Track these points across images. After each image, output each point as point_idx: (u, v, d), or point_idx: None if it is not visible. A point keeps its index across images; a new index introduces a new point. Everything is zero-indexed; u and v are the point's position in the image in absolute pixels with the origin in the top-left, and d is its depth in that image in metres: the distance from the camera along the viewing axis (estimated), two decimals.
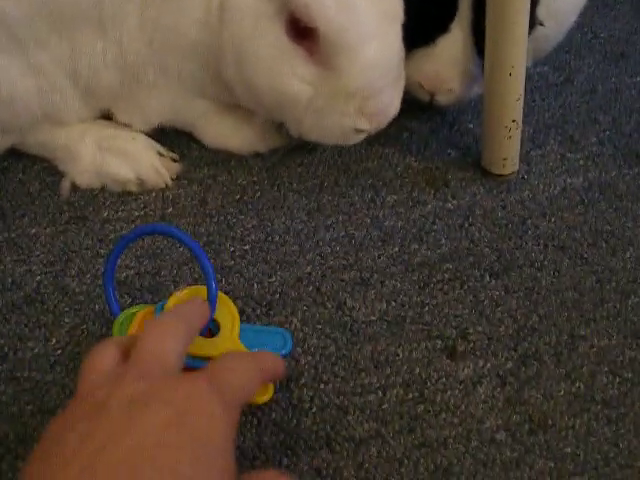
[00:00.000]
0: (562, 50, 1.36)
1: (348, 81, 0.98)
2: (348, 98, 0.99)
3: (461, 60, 1.11)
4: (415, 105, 1.19)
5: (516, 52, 1.04)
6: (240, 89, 1.06)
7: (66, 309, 1.03)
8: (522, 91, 1.09)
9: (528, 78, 1.10)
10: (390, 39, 0.98)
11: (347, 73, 0.97)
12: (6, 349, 0.98)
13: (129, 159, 1.14)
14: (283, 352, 0.92)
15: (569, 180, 1.18)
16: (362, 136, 1.05)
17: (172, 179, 1.15)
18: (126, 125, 1.16)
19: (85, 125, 1.15)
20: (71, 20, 1.03)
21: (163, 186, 1.15)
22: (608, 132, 1.25)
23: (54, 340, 0.99)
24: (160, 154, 1.15)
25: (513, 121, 1.10)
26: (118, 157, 1.15)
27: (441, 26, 1.10)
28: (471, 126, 1.27)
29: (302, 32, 0.96)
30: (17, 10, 1.00)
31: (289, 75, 0.99)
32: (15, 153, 1.18)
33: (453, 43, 1.10)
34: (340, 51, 0.96)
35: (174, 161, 1.16)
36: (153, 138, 1.17)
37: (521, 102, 1.09)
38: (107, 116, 1.17)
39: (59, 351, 0.98)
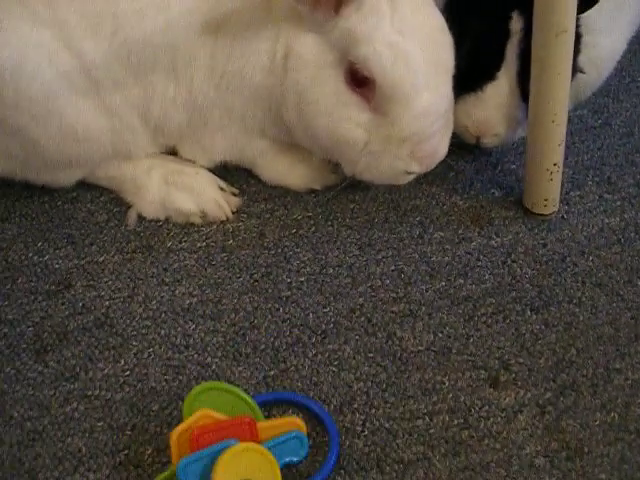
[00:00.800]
0: (601, 94, 1.37)
1: (401, 128, 1.02)
2: (401, 143, 1.03)
3: (507, 106, 1.14)
4: (461, 146, 1.21)
5: (559, 100, 1.07)
6: (300, 131, 1.10)
7: (133, 333, 1.06)
8: (564, 137, 1.10)
9: (568, 121, 1.12)
10: (441, 90, 1.03)
11: (400, 120, 1.01)
12: (78, 369, 1.02)
13: (193, 193, 1.17)
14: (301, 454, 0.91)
15: (606, 220, 1.19)
16: (412, 177, 1.08)
17: (232, 212, 1.18)
18: (190, 161, 1.20)
19: (152, 160, 1.19)
20: (146, 64, 1.07)
21: (224, 219, 1.17)
22: None
23: (122, 362, 1.03)
24: (221, 189, 1.19)
25: (555, 164, 1.12)
26: (183, 191, 1.18)
27: (489, 74, 1.13)
28: (514, 167, 1.28)
29: (360, 81, 1.00)
30: (95, 53, 1.05)
31: (347, 121, 1.03)
32: (84, 184, 1.21)
33: (500, 90, 1.13)
34: (395, 101, 1.00)
35: (234, 195, 1.19)
36: (215, 173, 1.20)
37: (563, 147, 1.11)
38: (173, 151, 1.21)
39: (127, 372, 1.02)
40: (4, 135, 1.11)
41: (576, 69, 1.14)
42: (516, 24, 1.10)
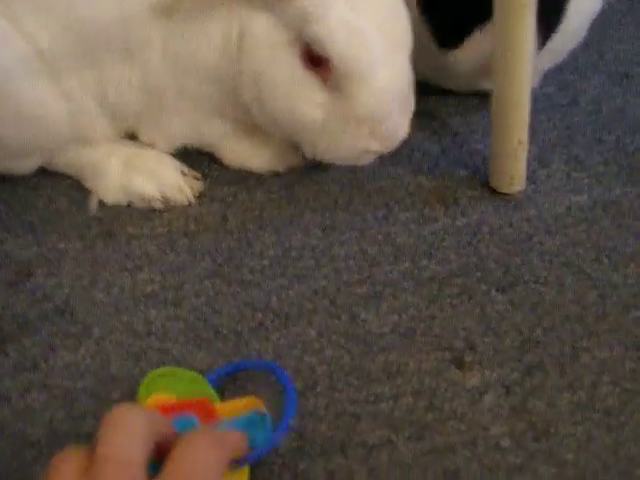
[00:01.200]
0: (568, 71, 1.39)
1: (359, 106, 1.01)
2: (359, 122, 1.03)
3: None
4: (426, 126, 1.23)
5: (522, 75, 1.07)
6: (257, 112, 1.09)
7: (94, 320, 1.05)
8: (528, 113, 1.11)
9: (534, 99, 1.12)
10: (398, 67, 1.02)
11: (358, 99, 1.01)
12: (38, 358, 1.01)
13: (154, 177, 1.17)
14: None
15: (574, 198, 1.19)
16: (373, 157, 1.08)
17: (195, 197, 1.18)
18: (150, 145, 1.20)
19: (111, 144, 1.18)
20: (100, 47, 1.07)
21: (186, 204, 1.17)
22: (612, 151, 1.26)
23: (83, 350, 1.02)
24: (183, 173, 1.18)
25: (519, 142, 1.12)
26: (143, 175, 1.18)
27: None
28: (480, 147, 1.28)
29: (316, 60, 1.00)
30: (47, 36, 1.04)
31: (304, 101, 1.03)
32: (44, 171, 1.21)
33: None
34: (351, 79, 1.00)
35: (196, 179, 1.19)
36: (176, 158, 1.20)
37: (527, 123, 1.12)
38: (132, 136, 1.20)
39: (88, 360, 1.01)
40: None
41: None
42: None
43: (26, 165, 1.20)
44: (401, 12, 1.03)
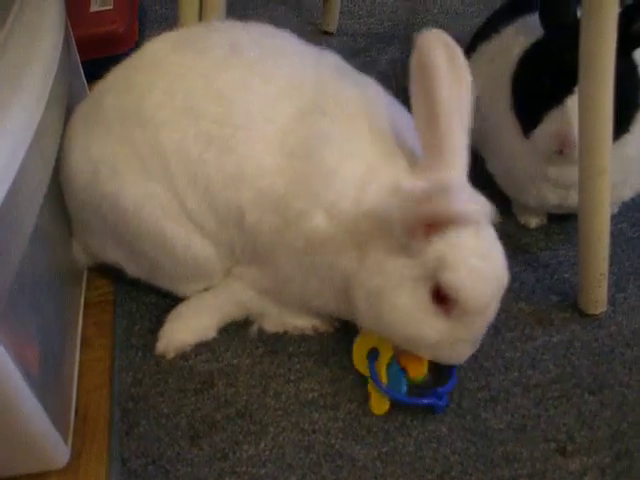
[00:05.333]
0: (637, 209, 1.51)
1: (473, 332, 1.09)
2: (468, 342, 1.11)
3: None
4: (521, 260, 1.37)
5: (602, 224, 1.21)
6: (366, 318, 1.13)
7: (269, 420, 1.19)
8: (608, 251, 1.24)
9: (610, 235, 1.24)
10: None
11: (474, 327, 1.08)
12: (227, 450, 1.16)
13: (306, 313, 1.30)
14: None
15: None
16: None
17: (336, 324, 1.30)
18: None
19: None
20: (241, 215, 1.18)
21: (332, 330, 1.31)
22: None
23: (263, 444, 1.16)
24: None
25: (601, 274, 1.26)
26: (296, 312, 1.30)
27: (568, 88, 1.22)
28: (567, 276, 1.39)
29: (443, 298, 1.04)
30: (194, 204, 1.18)
31: (426, 327, 1.07)
32: None
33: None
34: (472, 315, 1.06)
35: None
36: None
37: (607, 259, 1.25)
38: None
39: (267, 452, 1.15)
40: (132, 251, 1.25)
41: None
42: None
43: (188, 289, 1.33)
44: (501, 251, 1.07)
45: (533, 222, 1.51)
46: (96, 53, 1.86)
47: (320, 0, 2.15)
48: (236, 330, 1.33)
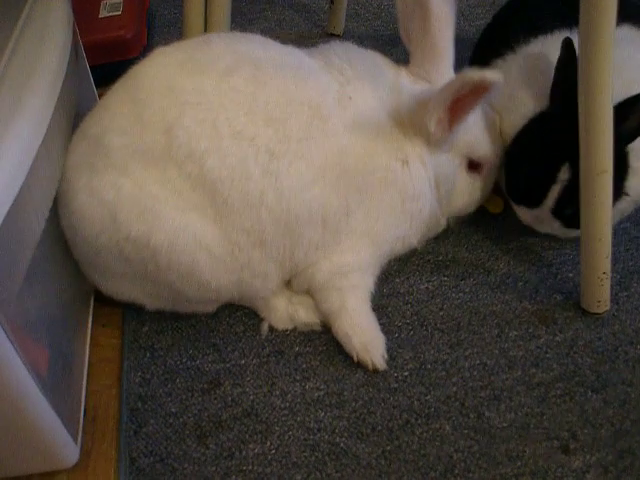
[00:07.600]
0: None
1: (492, 180, 1.45)
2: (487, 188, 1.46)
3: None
4: (525, 260, 1.37)
5: (603, 224, 1.22)
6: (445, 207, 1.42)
7: (275, 420, 1.20)
8: (609, 251, 1.24)
9: (614, 233, 1.25)
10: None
11: (491, 178, 1.45)
12: (233, 449, 1.16)
13: (314, 309, 1.32)
14: None
15: None
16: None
17: None
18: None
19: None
20: (300, 226, 1.22)
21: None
22: None
23: (269, 443, 1.17)
24: None
25: (604, 273, 1.27)
26: (306, 308, 1.33)
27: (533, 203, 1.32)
28: (571, 275, 1.41)
29: (476, 165, 1.40)
30: (253, 222, 1.19)
31: (474, 191, 1.43)
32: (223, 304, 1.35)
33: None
34: (492, 167, 1.41)
35: None
36: None
37: (609, 259, 1.25)
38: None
39: (273, 451, 1.16)
40: (157, 286, 1.23)
41: (621, 193, 1.27)
42: (563, 174, 1.25)
43: (207, 308, 1.35)
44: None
45: None
46: (105, 58, 1.87)
47: (327, 3, 2.18)
48: (243, 331, 1.35)
